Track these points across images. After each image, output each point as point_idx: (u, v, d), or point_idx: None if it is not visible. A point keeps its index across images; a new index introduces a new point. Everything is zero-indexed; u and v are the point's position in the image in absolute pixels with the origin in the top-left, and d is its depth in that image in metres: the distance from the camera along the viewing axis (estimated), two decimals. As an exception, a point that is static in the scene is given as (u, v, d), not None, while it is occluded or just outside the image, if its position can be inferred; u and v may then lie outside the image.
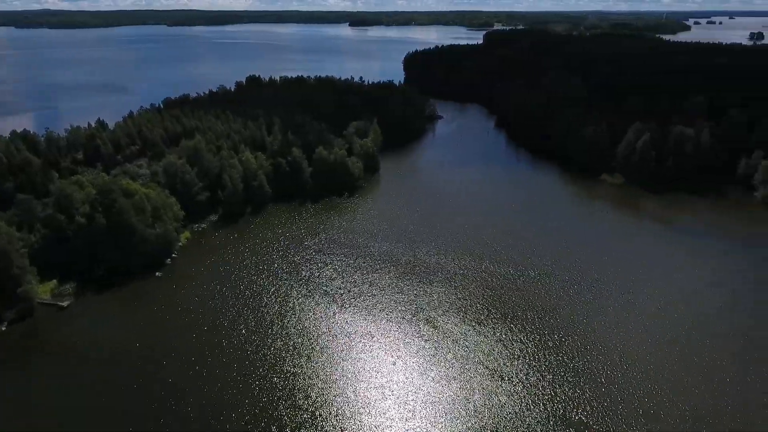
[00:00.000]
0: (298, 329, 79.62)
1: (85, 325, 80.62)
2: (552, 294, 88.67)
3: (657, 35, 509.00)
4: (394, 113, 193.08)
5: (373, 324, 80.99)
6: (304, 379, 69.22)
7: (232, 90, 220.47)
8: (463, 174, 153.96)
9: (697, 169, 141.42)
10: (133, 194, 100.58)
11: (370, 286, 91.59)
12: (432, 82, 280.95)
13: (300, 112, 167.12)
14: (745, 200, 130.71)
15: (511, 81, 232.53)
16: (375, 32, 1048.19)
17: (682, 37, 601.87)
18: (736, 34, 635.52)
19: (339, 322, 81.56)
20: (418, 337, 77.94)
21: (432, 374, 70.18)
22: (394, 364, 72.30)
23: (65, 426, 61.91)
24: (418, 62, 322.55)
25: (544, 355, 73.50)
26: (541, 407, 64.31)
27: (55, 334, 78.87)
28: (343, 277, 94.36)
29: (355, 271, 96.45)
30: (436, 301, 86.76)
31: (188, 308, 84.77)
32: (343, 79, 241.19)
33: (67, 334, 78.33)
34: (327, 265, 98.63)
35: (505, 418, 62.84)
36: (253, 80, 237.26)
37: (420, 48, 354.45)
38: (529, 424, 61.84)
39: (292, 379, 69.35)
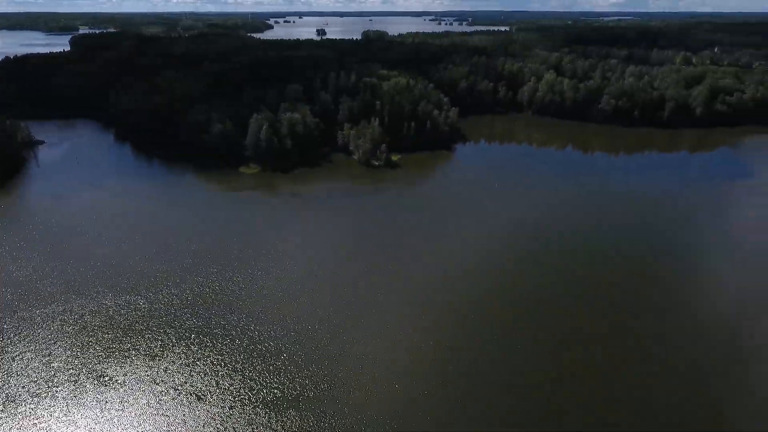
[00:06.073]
0: None
1: None
2: (221, 293, 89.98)
3: (248, 33, 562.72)
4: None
5: (22, 418, 63.01)
6: None
7: None
8: (94, 202, 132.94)
9: (310, 144, 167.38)
10: None
11: (6, 374, 70.17)
12: (14, 100, 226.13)
13: None
14: (349, 162, 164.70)
15: (123, 88, 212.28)
16: None
17: (269, 34, 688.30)
18: (307, 31, 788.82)
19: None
20: (92, 401, 65.60)
21: (123, 432, 61.04)
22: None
23: None
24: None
25: (228, 357, 73.98)
26: (248, 406, 65.51)
27: None
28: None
29: (-30, 365, 71.63)
30: (100, 354, 74.32)
31: None
32: None
33: None
34: None
35: None
36: None
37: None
38: (237, 426, 62.55)
39: None
